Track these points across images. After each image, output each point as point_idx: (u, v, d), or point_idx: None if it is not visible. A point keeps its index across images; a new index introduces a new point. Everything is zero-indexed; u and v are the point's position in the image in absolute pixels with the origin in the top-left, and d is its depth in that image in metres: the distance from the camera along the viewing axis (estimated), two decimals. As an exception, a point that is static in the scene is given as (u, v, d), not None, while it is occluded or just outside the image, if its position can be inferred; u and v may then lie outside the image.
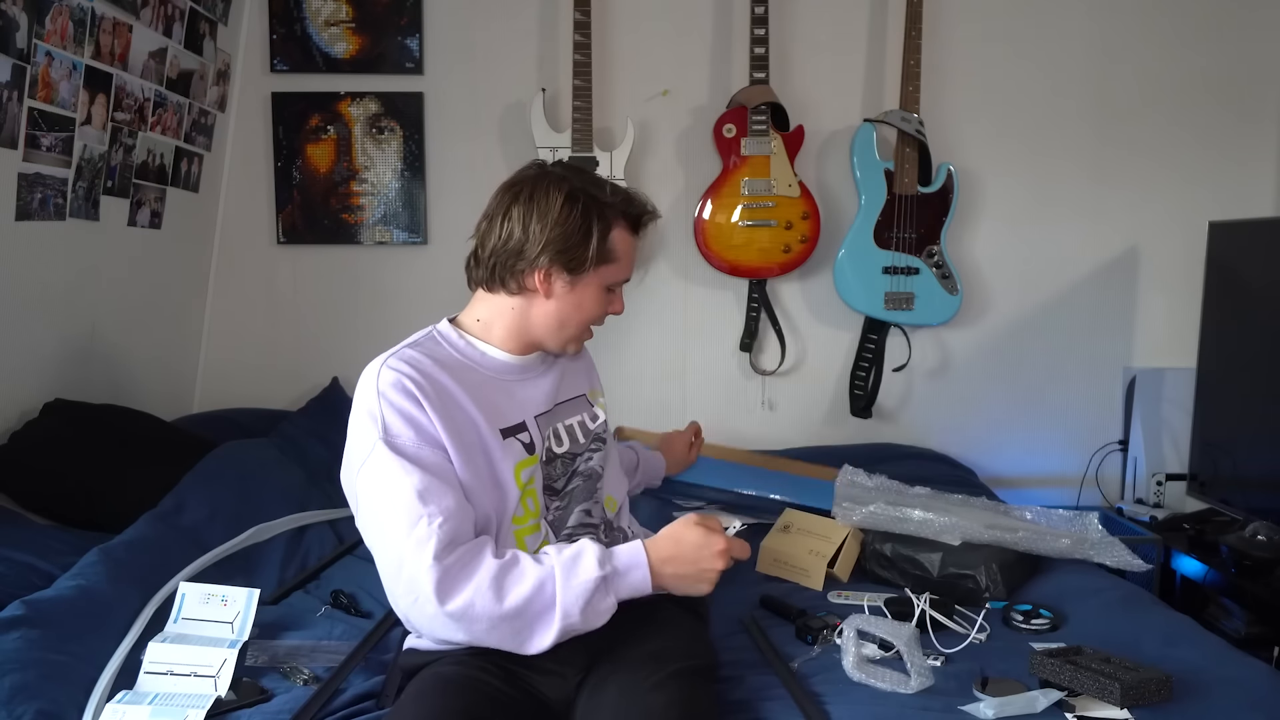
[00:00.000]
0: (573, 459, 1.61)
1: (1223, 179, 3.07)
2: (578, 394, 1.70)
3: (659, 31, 3.05)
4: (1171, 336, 3.08)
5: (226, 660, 1.52)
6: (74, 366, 2.41)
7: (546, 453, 1.56)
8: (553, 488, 1.56)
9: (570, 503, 1.59)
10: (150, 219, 2.71)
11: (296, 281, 3.15)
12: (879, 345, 3.08)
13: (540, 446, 1.54)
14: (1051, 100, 3.07)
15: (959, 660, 1.60)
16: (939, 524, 1.99)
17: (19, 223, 2.15)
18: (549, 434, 1.58)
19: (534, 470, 1.52)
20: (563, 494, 1.58)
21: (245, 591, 1.66)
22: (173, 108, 2.70)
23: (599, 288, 1.55)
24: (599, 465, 1.66)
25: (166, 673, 1.51)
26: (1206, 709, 1.42)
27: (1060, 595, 1.88)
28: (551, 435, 1.58)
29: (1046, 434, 3.16)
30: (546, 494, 1.55)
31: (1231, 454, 2.65)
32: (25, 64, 2.05)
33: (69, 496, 2.10)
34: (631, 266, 1.60)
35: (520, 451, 1.50)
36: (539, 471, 1.53)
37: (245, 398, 3.05)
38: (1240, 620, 2.38)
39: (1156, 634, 1.68)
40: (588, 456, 1.64)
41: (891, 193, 2.94)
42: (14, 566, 1.73)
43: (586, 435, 1.66)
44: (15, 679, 1.38)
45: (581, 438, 1.64)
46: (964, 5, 3.03)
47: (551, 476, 1.57)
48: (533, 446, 1.52)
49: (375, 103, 3.07)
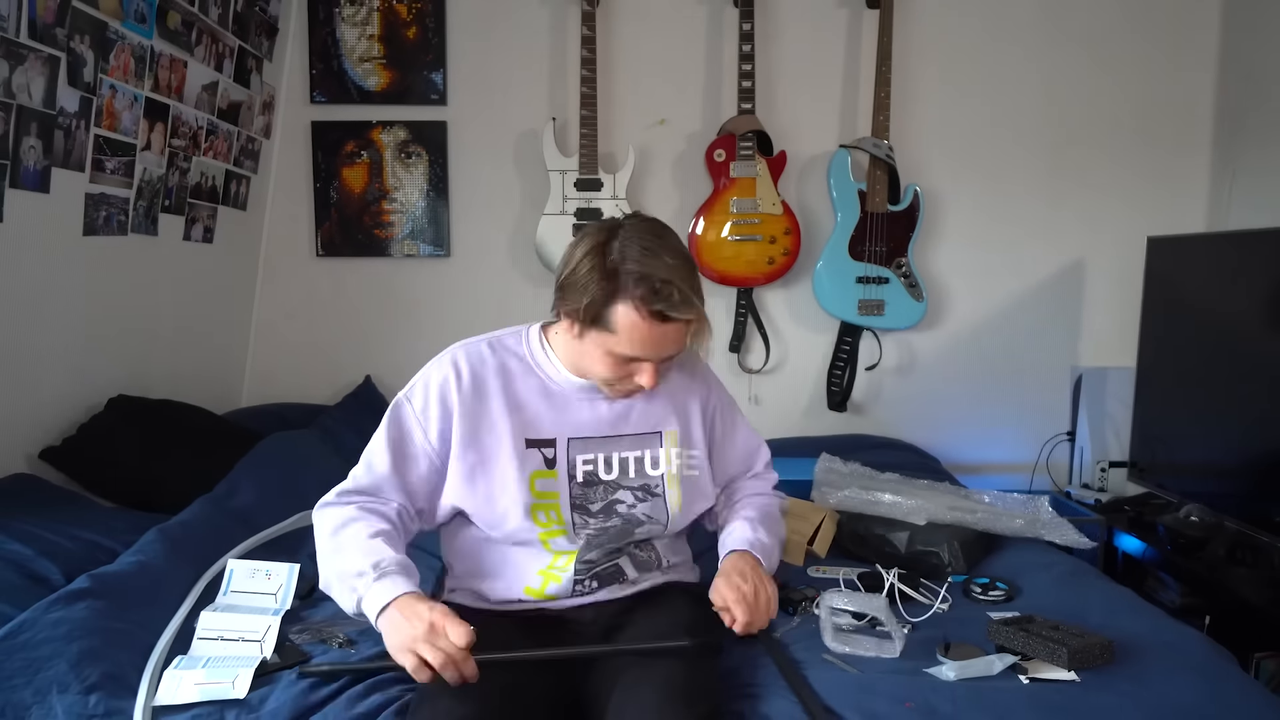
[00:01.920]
0: (615, 489, 1.48)
1: (1159, 198, 3.06)
2: (650, 430, 1.51)
3: (657, 67, 3.05)
4: (1114, 339, 3.08)
5: (271, 626, 1.53)
6: (135, 366, 2.41)
7: (584, 475, 1.47)
8: (585, 508, 1.47)
9: (604, 538, 1.48)
10: (203, 234, 2.71)
11: (333, 290, 3.15)
12: (853, 347, 3.08)
13: (565, 464, 1.46)
14: (1007, 128, 3.07)
15: (924, 628, 1.60)
16: (907, 506, 1.99)
17: (86, 237, 2.15)
18: (595, 457, 1.47)
19: (554, 484, 1.45)
20: (595, 515, 1.48)
21: (287, 566, 1.67)
22: (223, 135, 2.69)
23: (601, 350, 1.38)
24: (643, 515, 1.49)
25: (218, 638, 1.51)
26: (1145, 670, 1.41)
27: (1015, 570, 1.88)
28: (601, 461, 1.48)
29: (1002, 426, 3.16)
30: (577, 511, 1.46)
31: (1167, 443, 2.65)
32: (92, 96, 2.05)
33: (130, 482, 2.10)
34: (643, 349, 1.36)
35: (539, 463, 1.45)
36: (565, 488, 1.46)
37: (288, 394, 3.04)
38: (1175, 592, 2.37)
39: (1101, 604, 1.68)
40: (631, 503, 1.49)
41: (864, 211, 2.94)
42: (81, 544, 1.73)
43: (639, 476, 1.50)
44: (83, 645, 1.38)
45: (632, 475, 1.49)
46: (929, 43, 3.03)
47: (587, 498, 1.47)
48: (554, 462, 1.45)
49: (404, 130, 3.07)
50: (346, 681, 1.39)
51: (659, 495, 1.51)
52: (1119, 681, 1.38)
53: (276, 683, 1.39)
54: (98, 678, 1.34)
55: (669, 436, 1.52)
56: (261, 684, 1.39)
